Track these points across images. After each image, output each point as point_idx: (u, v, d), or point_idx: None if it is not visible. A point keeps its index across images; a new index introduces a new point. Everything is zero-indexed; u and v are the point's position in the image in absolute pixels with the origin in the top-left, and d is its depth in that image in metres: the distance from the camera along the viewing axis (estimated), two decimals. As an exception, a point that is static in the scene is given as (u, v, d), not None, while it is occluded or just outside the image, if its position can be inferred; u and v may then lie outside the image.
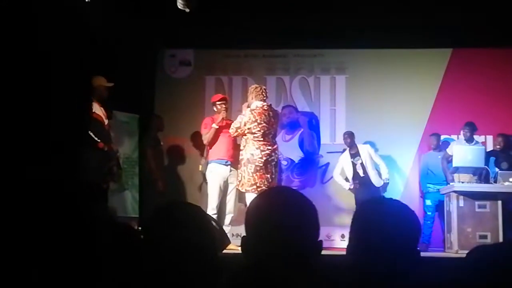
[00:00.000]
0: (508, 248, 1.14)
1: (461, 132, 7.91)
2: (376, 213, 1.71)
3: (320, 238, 1.63)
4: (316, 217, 1.58)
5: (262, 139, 6.36)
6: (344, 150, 8.15)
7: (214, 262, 1.53)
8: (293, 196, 1.60)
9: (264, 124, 6.36)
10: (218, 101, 7.10)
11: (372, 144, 8.25)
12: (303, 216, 1.54)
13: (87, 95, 6.40)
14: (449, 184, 7.38)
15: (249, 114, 6.42)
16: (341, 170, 8.05)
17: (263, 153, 6.33)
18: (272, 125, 6.45)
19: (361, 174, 7.89)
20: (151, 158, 7.85)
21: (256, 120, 6.36)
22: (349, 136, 8.00)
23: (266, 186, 6.20)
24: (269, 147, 6.38)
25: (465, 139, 7.79)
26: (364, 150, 7.93)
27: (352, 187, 7.90)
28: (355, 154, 7.95)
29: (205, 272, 1.49)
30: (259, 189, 6.14)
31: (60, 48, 6.41)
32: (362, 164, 7.89)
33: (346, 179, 8.01)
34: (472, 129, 7.76)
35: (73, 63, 6.54)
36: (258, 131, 6.35)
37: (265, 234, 1.50)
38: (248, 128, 6.37)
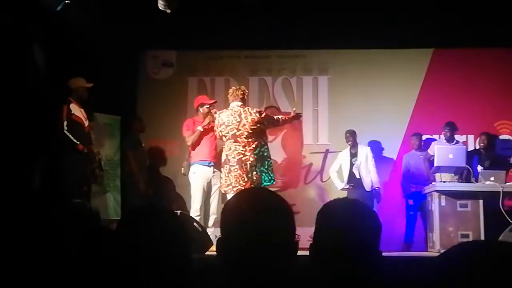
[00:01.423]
0: (485, 246, 1.14)
1: (442, 132, 7.96)
2: (336, 213, 1.72)
3: (301, 239, 1.62)
4: (291, 217, 1.57)
5: (233, 140, 6.34)
6: (327, 151, 8.11)
7: (187, 267, 1.51)
8: (267, 197, 1.59)
9: (233, 126, 6.34)
10: (210, 105, 7.07)
11: (375, 145, 8.29)
12: (277, 216, 1.53)
13: (65, 97, 6.34)
14: (430, 184, 7.41)
15: (217, 118, 6.50)
16: (338, 167, 8.03)
17: (235, 152, 6.31)
18: (244, 126, 6.36)
19: (357, 176, 7.87)
20: (132, 160, 7.79)
21: (223, 123, 6.39)
22: (351, 135, 7.97)
23: (242, 185, 6.17)
24: (242, 147, 6.34)
25: (445, 139, 7.85)
26: (363, 152, 7.92)
27: (346, 187, 7.87)
28: (355, 154, 7.94)
29: (177, 277, 1.47)
30: (235, 189, 6.13)
31: (39, 49, 6.35)
32: (358, 165, 7.87)
33: (341, 178, 8.00)
34: (452, 128, 7.82)
35: (52, 64, 6.48)
36: (227, 133, 6.36)
37: (239, 235, 1.49)
38: (220, 131, 6.42)
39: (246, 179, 6.23)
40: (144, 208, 1.63)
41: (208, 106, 7.05)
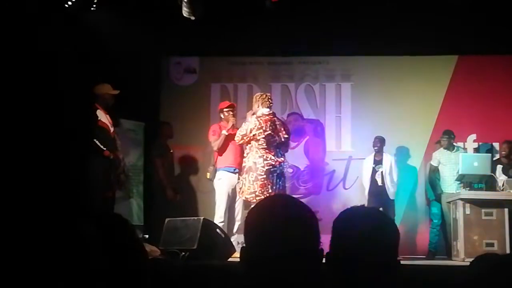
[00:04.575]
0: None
1: (440, 141, 7.95)
2: (354, 221, 1.70)
3: (324, 246, 1.61)
4: (316, 224, 1.56)
5: (266, 147, 6.29)
6: (350, 158, 8.07)
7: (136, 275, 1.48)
8: (291, 204, 1.58)
9: (270, 132, 6.31)
10: (226, 108, 7.11)
11: (402, 152, 8.28)
12: (302, 224, 1.52)
13: (92, 103, 6.41)
14: (436, 197, 7.63)
15: (254, 121, 6.37)
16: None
17: (265, 162, 6.25)
18: (278, 133, 6.38)
19: (379, 183, 7.86)
20: (159, 167, 7.81)
21: (261, 127, 6.31)
22: (380, 142, 7.98)
23: (265, 195, 6.06)
24: (273, 157, 6.31)
25: (444, 148, 7.85)
26: (388, 160, 7.92)
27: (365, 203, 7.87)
28: (379, 161, 7.94)
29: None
30: (257, 198, 6.04)
31: (65, 56, 6.44)
32: (382, 173, 7.85)
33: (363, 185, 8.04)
34: (449, 137, 7.84)
35: (79, 71, 6.57)
36: (263, 138, 6.29)
37: (263, 243, 1.48)
38: (253, 135, 6.31)
39: (270, 190, 6.20)
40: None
41: (227, 109, 7.08)
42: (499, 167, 7.72)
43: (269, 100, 6.55)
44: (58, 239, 1.46)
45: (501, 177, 7.42)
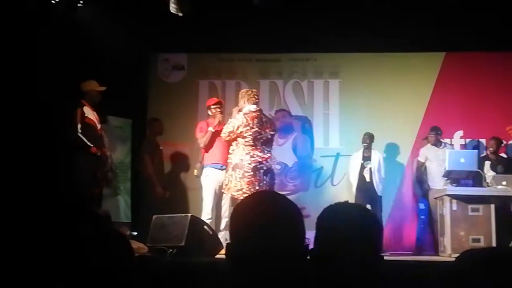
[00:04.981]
0: (499, 252, 1.13)
1: (428, 137, 8.00)
2: (337, 218, 1.71)
3: (310, 243, 1.62)
4: (301, 221, 1.56)
5: (252, 143, 6.29)
6: (338, 155, 8.08)
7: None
8: (276, 200, 1.58)
9: (257, 129, 6.32)
10: (213, 105, 7.10)
11: (392, 148, 8.31)
12: (286, 220, 1.51)
13: (78, 99, 6.38)
14: (423, 193, 7.69)
15: (242, 118, 6.36)
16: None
17: (252, 159, 6.26)
18: (265, 130, 6.38)
19: (367, 179, 7.87)
20: (149, 164, 7.77)
21: (248, 124, 6.31)
22: (369, 138, 8.00)
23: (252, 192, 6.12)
24: (260, 154, 6.31)
25: (432, 144, 7.91)
26: (376, 157, 7.94)
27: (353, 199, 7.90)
28: (367, 158, 7.96)
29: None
30: (244, 195, 5.98)
31: (52, 52, 6.40)
32: (371, 169, 7.87)
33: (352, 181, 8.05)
34: (436, 133, 7.90)
35: (65, 67, 6.54)
36: (250, 135, 6.29)
37: (248, 240, 1.47)
38: (240, 132, 6.31)
39: (257, 187, 6.20)
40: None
41: (214, 106, 7.06)
42: (487, 163, 7.77)
43: (255, 96, 6.55)
44: (49, 237, 1.45)
45: (489, 173, 7.48)
